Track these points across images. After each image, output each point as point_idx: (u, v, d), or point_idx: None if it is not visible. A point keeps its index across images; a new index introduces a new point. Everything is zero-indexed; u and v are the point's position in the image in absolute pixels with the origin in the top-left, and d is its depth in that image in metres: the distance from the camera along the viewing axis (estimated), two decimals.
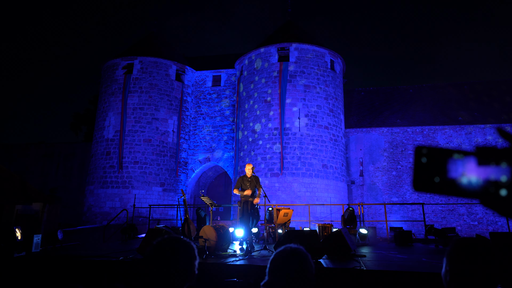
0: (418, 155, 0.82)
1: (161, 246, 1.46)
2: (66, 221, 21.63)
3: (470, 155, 0.78)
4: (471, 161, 0.77)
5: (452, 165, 0.78)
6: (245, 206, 7.79)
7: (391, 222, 18.99)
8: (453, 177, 0.77)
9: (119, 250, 7.62)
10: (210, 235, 6.80)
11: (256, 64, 20.73)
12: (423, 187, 0.79)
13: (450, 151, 0.80)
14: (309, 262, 1.60)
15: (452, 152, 0.80)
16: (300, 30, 22.44)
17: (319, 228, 9.83)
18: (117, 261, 5.92)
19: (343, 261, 5.80)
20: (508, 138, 0.80)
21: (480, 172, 0.76)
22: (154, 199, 20.21)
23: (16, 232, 6.93)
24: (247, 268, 5.38)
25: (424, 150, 0.82)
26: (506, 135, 0.80)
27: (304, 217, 16.32)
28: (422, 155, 0.81)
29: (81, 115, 38.94)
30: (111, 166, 20.31)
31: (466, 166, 0.77)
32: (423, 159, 0.81)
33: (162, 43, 23.93)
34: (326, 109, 19.83)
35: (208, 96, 23.50)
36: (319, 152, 18.95)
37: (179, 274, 1.42)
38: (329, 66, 20.68)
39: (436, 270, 4.98)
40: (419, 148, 0.82)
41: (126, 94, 21.10)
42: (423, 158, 0.81)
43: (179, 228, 10.05)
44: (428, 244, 10.32)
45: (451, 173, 0.78)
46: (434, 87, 24.58)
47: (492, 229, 19.57)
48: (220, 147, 22.49)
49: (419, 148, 0.82)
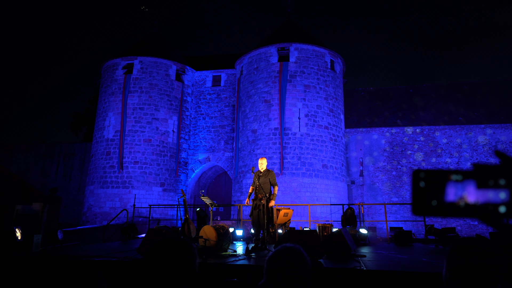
0: (416, 179, 0.82)
1: (160, 246, 1.46)
2: (66, 221, 21.65)
3: (468, 177, 0.78)
4: (469, 183, 0.77)
5: (450, 188, 0.78)
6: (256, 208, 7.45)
7: (391, 222, 18.99)
8: (452, 200, 0.78)
9: (119, 250, 7.61)
10: (210, 235, 6.80)
11: (256, 64, 20.73)
12: (422, 211, 0.80)
13: (447, 173, 0.80)
14: (306, 261, 1.59)
15: (450, 173, 0.80)
16: (300, 30, 22.43)
17: (319, 228, 9.82)
18: (117, 261, 5.92)
19: (343, 261, 5.80)
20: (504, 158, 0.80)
21: (479, 194, 0.76)
22: (154, 199, 20.21)
23: (16, 232, 6.93)
24: (247, 268, 5.38)
25: (422, 174, 0.82)
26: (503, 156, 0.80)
27: (304, 217, 16.32)
28: (420, 179, 0.81)
29: (81, 115, 38.96)
30: (111, 166, 20.31)
31: (464, 189, 0.77)
32: (421, 183, 0.81)
33: (162, 43, 23.93)
34: (326, 109, 19.83)
35: (208, 96, 23.49)
36: (319, 152, 18.95)
37: (179, 274, 1.41)
38: (329, 66, 20.68)
39: (436, 270, 4.98)
40: (417, 171, 0.82)
41: (126, 94, 21.10)
42: (421, 183, 0.81)
43: (179, 228, 10.05)
44: (428, 244, 10.31)
45: (450, 196, 0.78)
46: (434, 87, 24.58)
47: (492, 229, 19.54)
48: (220, 147, 22.48)
49: (416, 171, 0.82)
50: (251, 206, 7.69)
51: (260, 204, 7.48)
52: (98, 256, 6.47)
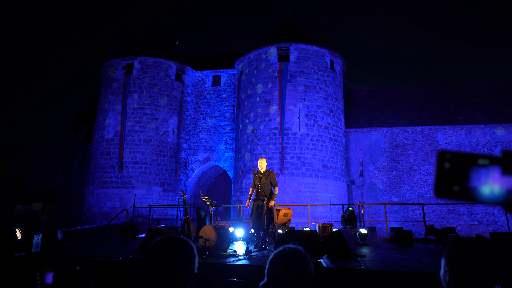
0: (441, 160, 0.79)
1: (159, 246, 1.46)
2: (66, 221, 21.64)
3: (495, 162, 0.75)
4: (495, 169, 0.75)
5: (475, 173, 0.76)
6: (257, 209, 7.51)
7: (391, 222, 18.99)
8: (476, 185, 0.75)
9: (119, 250, 7.61)
10: (210, 235, 6.80)
11: (256, 64, 20.72)
12: (444, 194, 0.78)
13: (474, 157, 0.77)
14: (308, 262, 1.59)
15: (477, 157, 0.77)
16: (300, 30, 22.43)
17: (319, 228, 9.82)
18: (117, 261, 5.92)
19: (343, 261, 5.79)
20: None
21: (504, 181, 0.74)
22: (154, 199, 20.21)
23: (16, 232, 6.93)
24: (247, 268, 5.37)
25: (448, 155, 0.79)
26: None
27: (304, 217, 16.31)
28: (446, 161, 0.79)
29: (81, 115, 38.95)
30: (111, 166, 20.31)
31: (490, 175, 0.75)
32: (446, 164, 0.79)
33: (162, 43, 23.92)
34: (326, 109, 19.83)
35: (208, 96, 23.49)
36: (319, 152, 18.95)
37: (178, 274, 1.41)
38: (329, 66, 20.67)
39: (436, 270, 4.98)
40: (443, 152, 0.80)
41: (126, 94, 21.10)
42: (446, 164, 0.79)
43: (179, 228, 10.05)
44: (428, 244, 10.31)
45: (474, 181, 0.76)
46: (434, 87, 24.57)
47: (492, 229, 19.57)
48: (220, 147, 22.48)
49: (442, 152, 0.80)
50: (252, 207, 7.72)
51: (261, 205, 7.52)
52: (98, 256, 6.47)
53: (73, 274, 1.08)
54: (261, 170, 7.83)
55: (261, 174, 7.77)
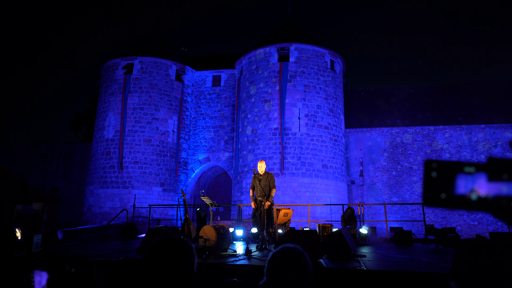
0: (428, 170, 0.80)
1: (158, 246, 1.46)
2: (66, 221, 21.64)
3: (481, 169, 0.76)
4: (481, 176, 0.76)
5: (462, 180, 0.76)
6: (258, 208, 7.76)
7: (391, 222, 18.99)
8: (463, 192, 0.76)
9: (119, 250, 7.61)
10: (210, 235, 6.80)
11: (256, 64, 20.72)
12: (433, 203, 0.78)
13: (460, 164, 0.78)
14: (307, 262, 1.59)
15: (463, 165, 0.77)
16: (300, 30, 22.43)
17: (319, 228, 9.82)
18: (117, 261, 5.92)
19: (343, 261, 5.79)
20: None
21: (490, 187, 0.74)
22: (154, 199, 20.21)
23: (16, 232, 6.93)
24: (247, 268, 5.37)
25: (434, 164, 0.80)
26: None
27: (304, 217, 16.31)
28: (432, 170, 0.80)
29: (81, 115, 38.95)
30: (111, 166, 20.31)
31: (476, 182, 0.76)
32: (433, 173, 0.79)
33: (162, 43, 23.92)
34: (326, 109, 19.83)
35: (208, 96, 23.49)
36: (319, 152, 18.95)
37: (178, 274, 1.41)
38: (329, 66, 20.67)
39: (436, 270, 4.98)
40: (429, 162, 0.80)
41: (126, 94, 21.10)
42: (433, 173, 0.79)
43: (179, 228, 10.05)
44: (428, 244, 10.30)
45: (461, 189, 0.76)
46: (434, 87, 24.57)
47: (492, 229, 19.57)
48: (220, 147, 22.48)
49: (429, 162, 0.81)
50: (253, 208, 7.97)
51: (262, 206, 7.72)
52: (98, 256, 6.47)
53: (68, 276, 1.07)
54: (260, 172, 8.02)
55: (261, 176, 7.97)
